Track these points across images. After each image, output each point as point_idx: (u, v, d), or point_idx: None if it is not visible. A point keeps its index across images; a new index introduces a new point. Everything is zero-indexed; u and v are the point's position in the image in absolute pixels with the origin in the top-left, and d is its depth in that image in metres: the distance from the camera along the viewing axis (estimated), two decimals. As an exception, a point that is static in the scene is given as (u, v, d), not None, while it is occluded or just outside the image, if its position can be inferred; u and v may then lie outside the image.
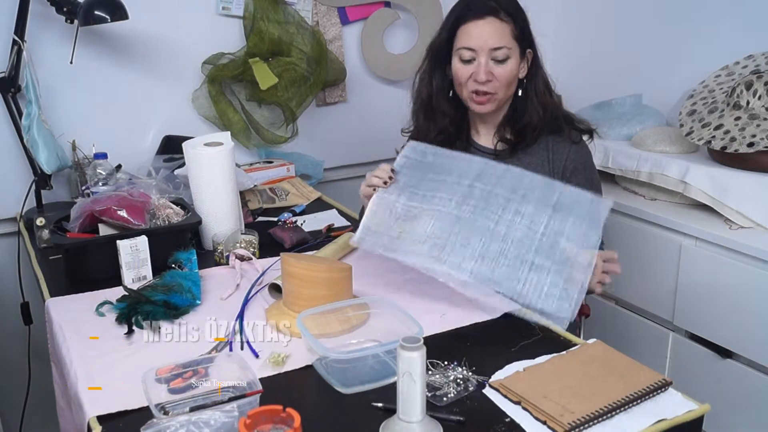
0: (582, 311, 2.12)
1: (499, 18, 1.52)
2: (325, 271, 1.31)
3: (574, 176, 1.57)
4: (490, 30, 1.52)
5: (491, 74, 1.53)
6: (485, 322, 1.35)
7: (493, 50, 1.52)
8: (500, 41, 1.51)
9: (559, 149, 1.59)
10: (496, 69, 1.53)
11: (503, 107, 1.61)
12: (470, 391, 1.10)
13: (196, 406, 0.95)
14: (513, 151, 1.61)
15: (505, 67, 1.53)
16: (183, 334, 1.29)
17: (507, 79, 1.54)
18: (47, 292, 1.50)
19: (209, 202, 1.70)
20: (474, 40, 1.53)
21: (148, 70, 2.16)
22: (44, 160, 1.89)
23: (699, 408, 1.05)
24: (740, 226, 1.83)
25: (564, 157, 1.58)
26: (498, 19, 1.52)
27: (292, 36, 2.26)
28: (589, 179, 1.59)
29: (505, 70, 1.53)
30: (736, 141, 1.83)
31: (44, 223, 1.71)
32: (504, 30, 1.52)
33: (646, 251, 2.02)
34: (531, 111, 1.58)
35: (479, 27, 1.52)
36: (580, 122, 1.63)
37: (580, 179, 1.57)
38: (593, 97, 2.47)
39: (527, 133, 1.59)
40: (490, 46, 1.51)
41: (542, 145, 1.59)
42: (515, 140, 1.61)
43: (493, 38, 1.51)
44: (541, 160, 1.59)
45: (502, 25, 1.52)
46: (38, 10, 1.91)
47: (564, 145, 1.59)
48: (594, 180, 1.61)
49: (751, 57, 2.04)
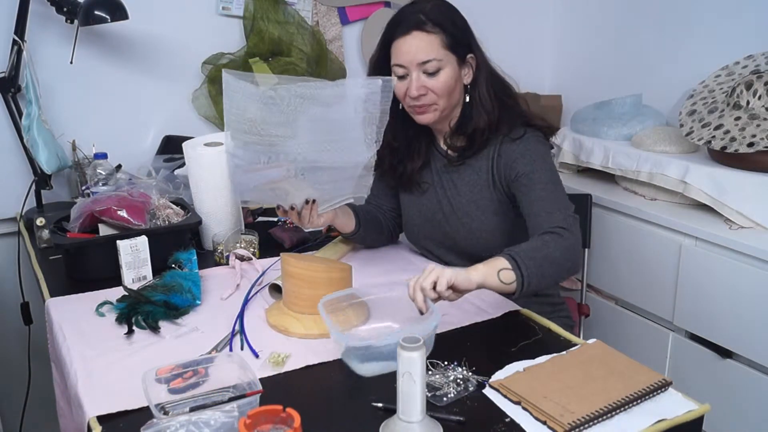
0: (582, 311, 2.13)
1: (426, 30, 1.48)
2: (325, 271, 1.32)
3: (513, 168, 1.51)
4: (417, 44, 1.49)
5: (424, 88, 1.50)
6: (485, 322, 1.35)
7: (421, 64, 1.49)
8: (428, 54, 1.48)
9: (503, 149, 1.54)
10: (428, 82, 1.50)
11: (452, 114, 1.59)
12: (470, 391, 1.10)
13: (196, 406, 0.95)
14: (461, 158, 1.59)
15: (438, 79, 1.50)
16: (183, 334, 1.30)
17: (442, 89, 1.51)
18: (47, 292, 1.50)
19: (209, 202, 1.70)
20: (402, 56, 1.50)
21: (148, 70, 2.16)
22: (44, 160, 1.89)
23: (699, 408, 1.06)
24: (740, 226, 1.83)
25: (504, 155, 1.53)
26: (424, 32, 1.48)
27: (292, 36, 2.26)
28: (530, 159, 1.49)
29: (438, 81, 1.50)
30: (736, 141, 1.83)
31: (44, 223, 1.71)
32: (432, 42, 1.49)
33: (646, 251, 2.02)
34: (477, 117, 1.55)
35: (407, 43, 1.49)
36: (541, 119, 1.58)
37: (519, 167, 1.49)
38: (593, 97, 2.47)
39: (476, 138, 1.56)
40: (419, 60, 1.49)
41: (492, 147, 1.56)
42: (465, 146, 1.58)
43: (420, 52, 1.48)
44: (489, 163, 1.56)
45: (429, 38, 1.49)
46: (38, 10, 1.91)
47: (507, 143, 1.54)
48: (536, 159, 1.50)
49: (751, 57, 2.04)
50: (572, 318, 1.79)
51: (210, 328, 1.33)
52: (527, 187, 1.47)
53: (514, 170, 1.50)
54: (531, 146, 1.52)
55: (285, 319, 1.32)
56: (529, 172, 1.48)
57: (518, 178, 1.49)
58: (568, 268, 1.38)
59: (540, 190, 1.45)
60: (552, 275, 1.35)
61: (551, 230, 1.37)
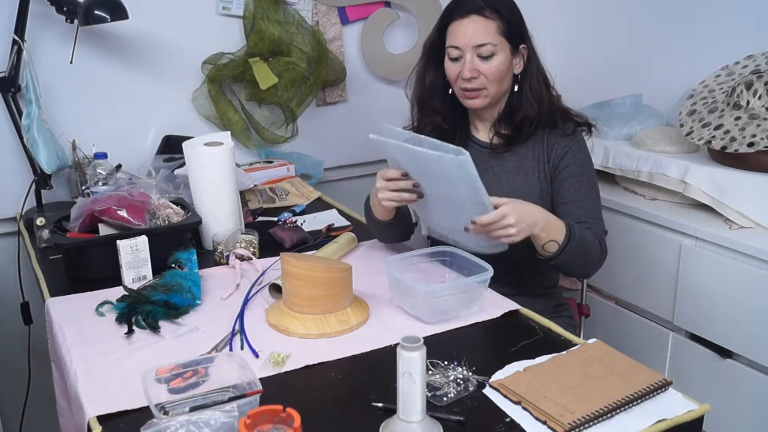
0: (582, 311, 2.12)
1: (484, 15, 1.53)
2: (325, 271, 1.32)
3: (563, 160, 1.58)
4: (474, 27, 1.53)
5: (476, 71, 1.54)
6: (485, 322, 1.35)
7: (477, 47, 1.53)
8: (484, 38, 1.53)
9: (552, 140, 1.60)
10: (481, 66, 1.54)
11: (499, 102, 1.62)
12: (470, 391, 1.10)
13: (196, 406, 0.95)
14: (508, 145, 1.61)
15: (491, 64, 1.54)
16: (183, 334, 1.30)
17: (494, 75, 1.55)
18: (47, 292, 1.50)
19: (209, 202, 1.70)
20: (458, 39, 1.55)
21: (148, 70, 2.16)
22: (44, 160, 1.89)
23: (699, 408, 1.06)
24: (740, 226, 1.83)
25: (555, 146, 1.59)
26: (482, 17, 1.53)
27: (292, 36, 2.26)
28: (580, 162, 1.59)
29: (491, 66, 1.54)
30: (736, 141, 1.83)
31: (44, 223, 1.71)
32: (489, 27, 1.53)
33: (646, 251, 2.02)
34: (526, 106, 1.59)
35: (463, 25, 1.54)
36: (577, 116, 1.64)
37: (569, 162, 1.58)
38: (593, 97, 2.47)
39: (523, 128, 1.60)
40: (474, 44, 1.53)
41: (538, 138, 1.61)
42: (511, 135, 1.61)
43: (476, 35, 1.53)
44: (536, 152, 1.60)
45: (486, 23, 1.53)
46: (38, 10, 1.91)
47: (557, 136, 1.60)
48: (586, 163, 1.60)
49: (751, 57, 2.04)
50: (574, 318, 1.79)
51: (210, 327, 1.32)
52: (574, 188, 1.56)
53: (564, 163, 1.58)
54: (582, 147, 1.61)
55: (285, 319, 1.32)
56: (578, 174, 1.57)
57: (565, 173, 1.57)
58: (583, 273, 1.54)
59: (585, 196, 1.57)
60: (571, 271, 1.54)
61: (600, 239, 1.53)
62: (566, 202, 1.56)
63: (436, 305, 1.32)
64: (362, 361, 1.21)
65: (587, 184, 1.58)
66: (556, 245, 1.43)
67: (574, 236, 1.44)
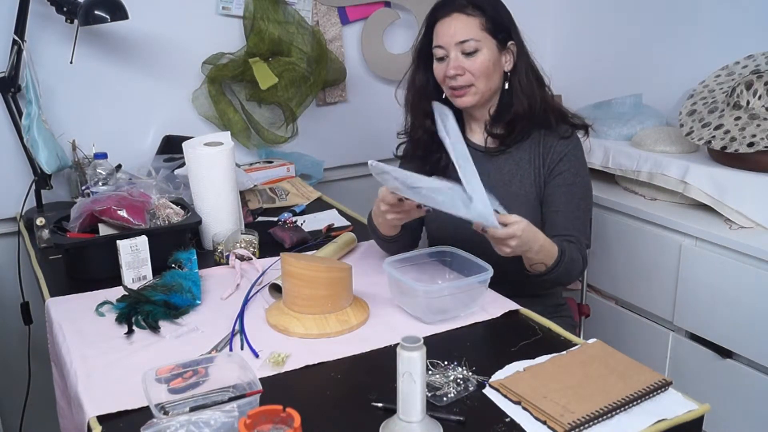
0: (582, 311, 2.12)
1: (466, 13, 1.54)
2: (325, 271, 1.32)
3: (558, 166, 1.57)
4: (456, 25, 1.54)
5: (461, 68, 1.55)
6: (485, 322, 1.35)
7: (460, 44, 1.54)
8: (466, 34, 1.53)
9: (548, 143, 1.59)
10: (465, 62, 1.54)
11: (490, 101, 1.61)
12: (470, 391, 1.10)
13: (196, 406, 0.95)
14: (503, 145, 1.61)
15: (475, 60, 1.54)
16: (183, 334, 1.30)
17: (479, 70, 1.54)
18: (47, 292, 1.50)
19: (209, 202, 1.70)
20: (442, 38, 1.56)
21: (148, 70, 2.16)
22: (44, 160, 1.89)
23: (699, 408, 1.05)
24: (740, 226, 1.83)
25: (551, 149, 1.59)
26: (464, 14, 1.54)
27: (292, 36, 2.26)
28: (575, 170, 1.58)
29: (476, 62, 1.54)
30: (736, 141, 1.83)
31: (44, 223, 1.71)
32: (471, 23, 1.54)
33: (646, 251, 2.02)
34: (516, 102, 1.59)
35: (446, 24, 1.55)
36: (573, 117, 1.63)
37: (564, 168, 1.57)
38: (593, 97, 2.47)
39: (516, 125, 1.59)
40: (457, 40, 1.54)
41: (534, 140, 1.60)
42: (504, 134, 1.60)
43: (459, 32, 1.54)
44: (531, 155, 1.59)
45: (468, 19, 1.54)
46: (38, 10, 1.91)
47: (553, 138, 1.59)
48: (580, 171, 1.59)
49: (751, 57, 2.04)
50: (574, 318, 1.79)
51: (210, 327, 1.32)
52: (566, 198, 1.56)
53: (559, 169, 1.57)
54: (579, 154, 1.60)
55: (285, 318, 1.32)
56: (571, 184, 1.57)
57: (559, 180, 1.57)
58: (561, 282, 1.57)
59: (575, 207, 1.56)
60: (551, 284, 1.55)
61: (582, 254, 1.53)
62: (557, 211, 1.56)
63: (435, 305, 1.32)
64: (362, 361, 1.21)
65: (579, 195, 1.57)
66: (544, 267, 1.45)
67: (564, 260, 1.45)
